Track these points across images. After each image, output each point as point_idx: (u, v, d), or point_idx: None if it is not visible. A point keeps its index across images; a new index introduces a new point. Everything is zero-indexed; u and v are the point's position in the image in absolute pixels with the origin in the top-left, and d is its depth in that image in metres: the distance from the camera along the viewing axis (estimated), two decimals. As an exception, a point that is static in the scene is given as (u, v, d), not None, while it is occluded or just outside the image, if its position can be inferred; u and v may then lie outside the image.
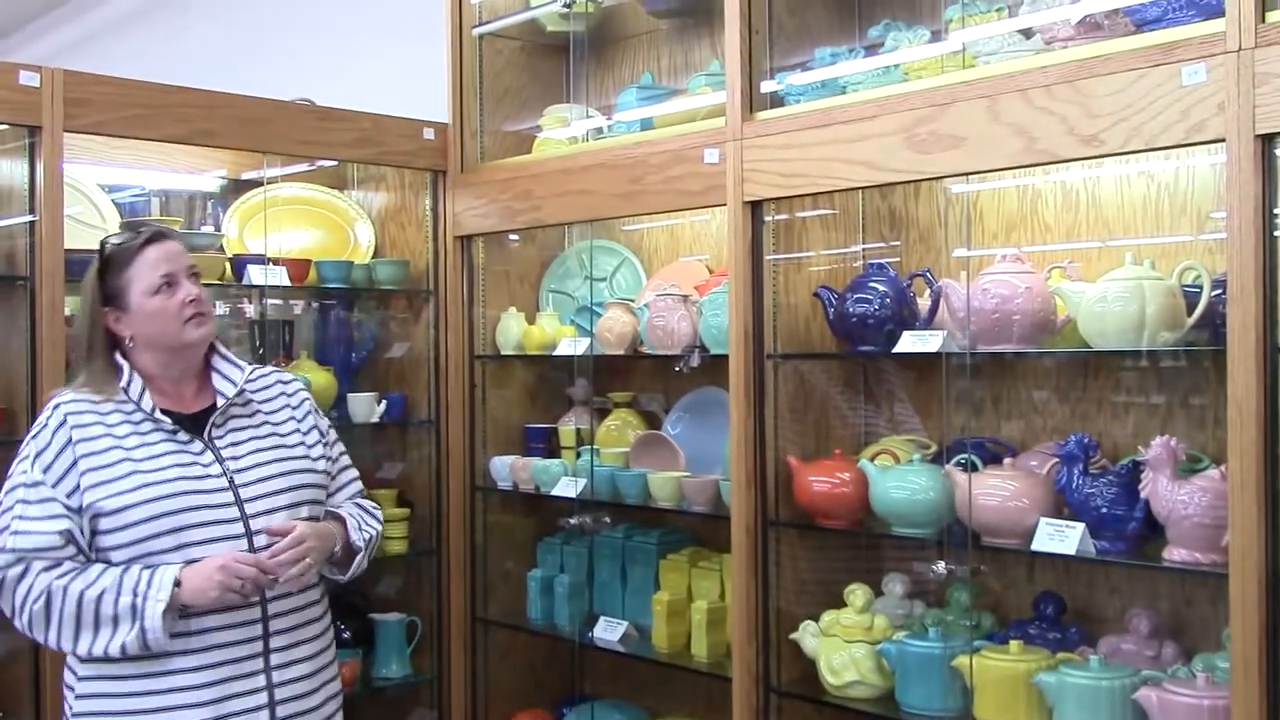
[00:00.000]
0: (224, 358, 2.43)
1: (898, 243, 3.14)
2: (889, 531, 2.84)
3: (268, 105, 3.44)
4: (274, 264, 3.52)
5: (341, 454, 2.57)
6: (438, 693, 3.78)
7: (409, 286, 3.86)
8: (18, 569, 2.19)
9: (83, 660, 2.25)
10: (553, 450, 3.72)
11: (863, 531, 2.96)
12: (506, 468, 3.68)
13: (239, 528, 2.27)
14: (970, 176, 2.70)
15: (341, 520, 2.45)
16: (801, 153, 2.82)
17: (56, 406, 2.28)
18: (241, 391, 2.40)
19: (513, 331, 3.70)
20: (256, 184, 3.76)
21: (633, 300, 3.53)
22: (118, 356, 2.32)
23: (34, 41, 7.10)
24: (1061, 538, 2.48)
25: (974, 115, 2.53)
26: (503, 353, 3.75)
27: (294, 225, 3.83)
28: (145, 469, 2.24)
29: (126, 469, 2.23)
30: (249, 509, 2.30)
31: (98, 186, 3.61)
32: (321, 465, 2.46)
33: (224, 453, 2.33)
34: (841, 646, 2.83)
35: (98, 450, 2.24)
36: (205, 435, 2.33)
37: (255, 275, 3.48)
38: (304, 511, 2.37)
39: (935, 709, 2.69)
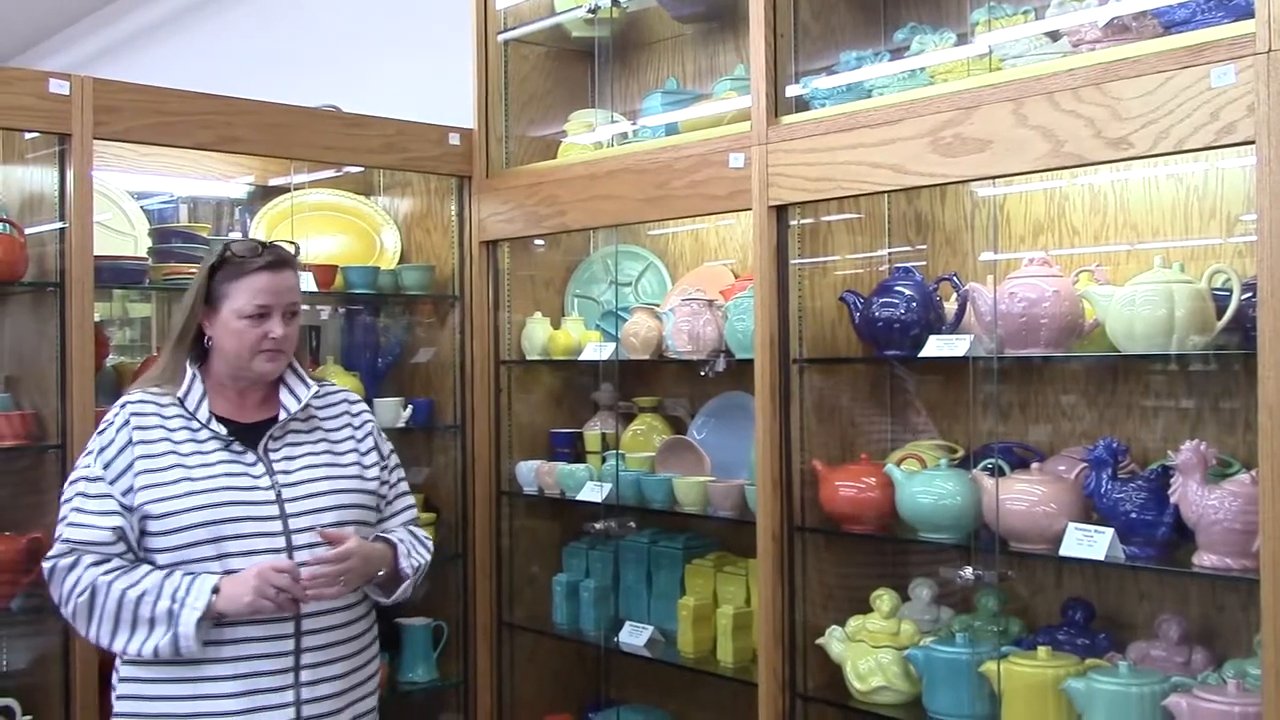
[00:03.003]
0: (295, 373, 2.46)
1: (924, 246, 3.13)
2: (916, 537, 2.83)
3: (294, 112, 3.46)
4: (301, 269, 3.53)
5: (400, 480, 2.59)
6: (464, 697, 3.79)
7: (435, 292, 3.87)
8: (69, 559, 2.25)
9: (124, 661, 2.30)
10: (578, 455, 3.72)
11: (889, 536, 2.95)
12: (532, 472, 3.68)
13: (280, 541, 2.30)
14: (997, 180, 2.69)
15: (392, 545, 2.45)
16: (827, 156, 2.82)
17: (124, 405, 2.34)
18: (306, 408, 2.43)
19: (538, 336, 3.71)
20: (283, 190, 3.78)
21: (658, 305, 3.53)
22: (188, 363, 2.38)
23: (63, 50, 7.17)
24: (1090, 543, 2.47)
25: (1000, 118, 2.52)
26: (528, 358, 3.76)
27: (320, 231, 3.85)
28: (195, 476, 2.28)
29: (177, 475, 2.28)
30: (293, 524, 2.32)
31: (127, 193, 3.64)
32: (374, 487, 2.47)
33: (276, 466, 2.36)
34: (868, 652, 2.82)
35: (154, 454, 2.29)
36: (260, 447, 2.36)
37: (282, 281, 3.49)
38: (349, 531, 2.37)
39: (963, 715, 2.68)
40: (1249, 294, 2.33)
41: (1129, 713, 2.40)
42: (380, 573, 2.41)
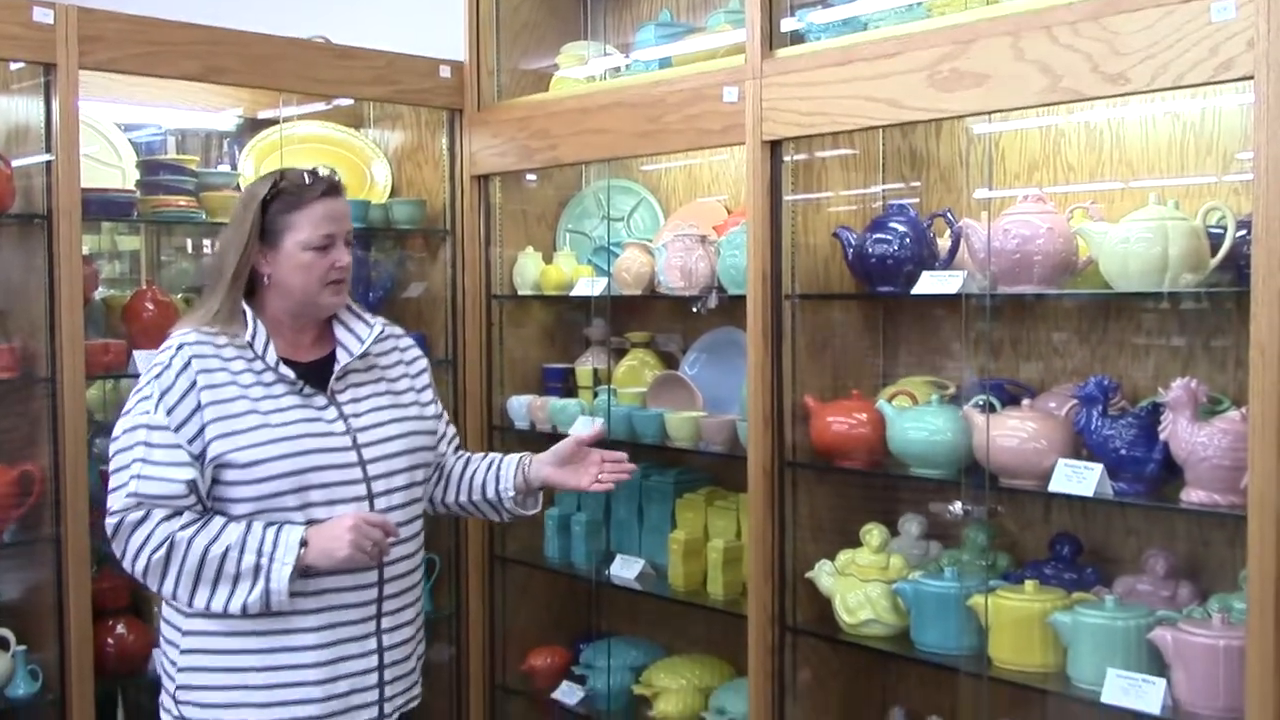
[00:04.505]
0: (352, 311, 2.38)
1: (918, 183, 3.11)
2: (906, 472, 2.84)
3: (283, 43, 3.41)
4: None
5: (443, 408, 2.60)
6: (456, 629, 3.82)
7: (426, 226, 3.85)
8: (137, 514, 2.13)
9: (188, 615, 2.21)
10: (570, 390, 3.73)
11: (880, 472, 2.96)
12: (524, 407, 3.69)
13: (361, 489, 2.24)
14: (993, 116, 2.67)
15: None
16: (822, 91, 2.79)
17: (180, 347, 2.19)
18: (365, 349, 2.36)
19: (530, 271, 3.69)
20: (272, 122, 3.75)
21: (650, 240, 3.51)
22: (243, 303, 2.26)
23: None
24: (1079, 479, 2.48)
25: (998, 53, 2.50)
26: (520, 293, 3.75)
27: (310, 164, 3.80)
28: (273, 422, 2.19)
29: (254, 421, 2.17)
30: (370, 470, 2.26)
31: (114, 125, 3.60)
32: (432, 426, 2.45)
33: (345, 409, 2.28)
34: (857, 585, 2.85)
35: (224, 399, 2.17)
36: (328, 390, 2.28)
37: (272, 214, 3.46)
38: (419, 474, 2.37)
39: (950, 648, 2.71)
40: (1243, 231, 2.33)
41: (1114, 646, 2.43)
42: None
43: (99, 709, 3.07)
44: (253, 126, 3.91)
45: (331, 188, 2.30)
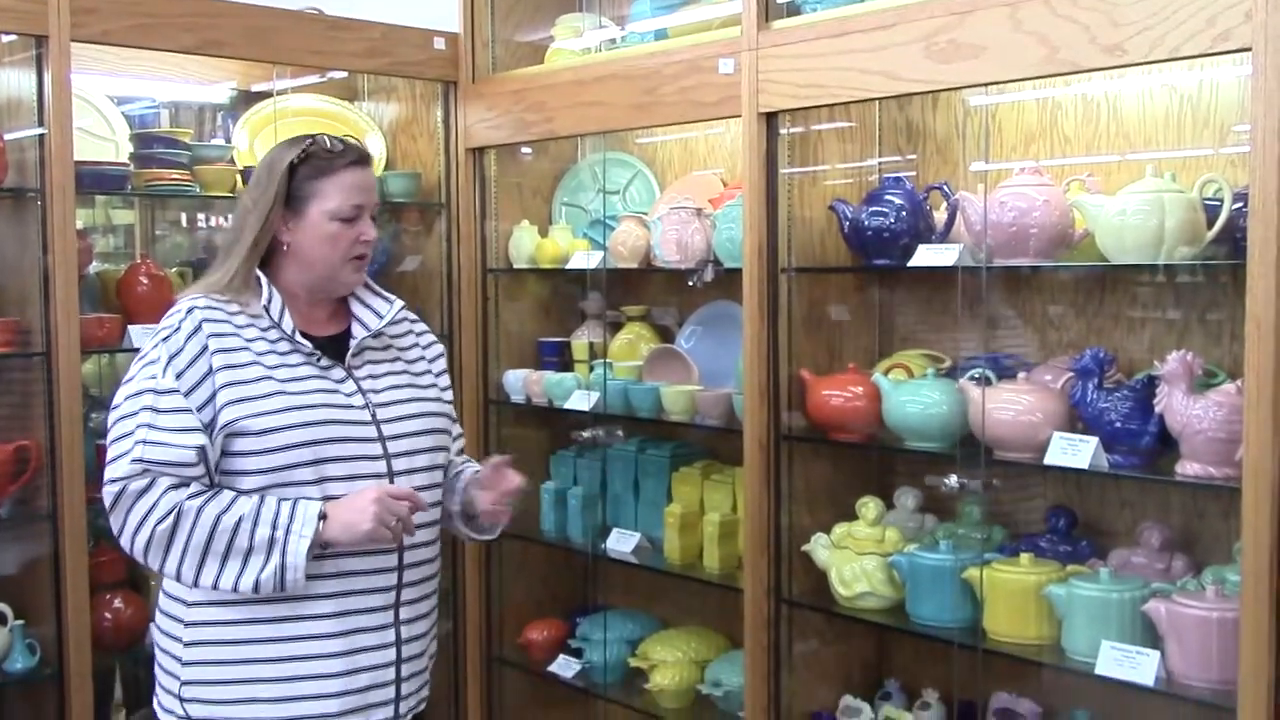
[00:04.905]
0: (370, 289, 2.26)
1: (914, 156, 3.10)
2: (902, 445, 2.84)
3: (277, 15, 3.39)
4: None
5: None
6: (453, 604, 3.83)
7: (421, 199, 3.84)
8: (142, 482, 1.98)
9: (190, 604, 2.07)
10: (566, 364, 3.73)
11: (875, 445, 2.97)
12: (520, 381, 3.69)
13: (381, 465, 2.11)
14: (989, 87, 2.66)
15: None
16: (818, 63, 2.78)
17: (191, 310, 2.06)
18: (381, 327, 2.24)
19: (525, 245, 3.68)
20: (266, 95, 3.72)
21: (646, 214, 3.50)
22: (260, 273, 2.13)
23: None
24: (1075, 452, 2.49)
25: (995, 23, 2.49)
26: (515, 266, 3.74)
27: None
28: (290, 390, 2.05)
29: (270, 388, 2.04)
30: (391, 447, 2.13)
31: (107, 99, 3.58)
32: (449, 410, 2.33)
33: (363, 384, 2.15)
34: (853, 558, 2.85)
35: (237, 364, 2.04)
36: (345, 363, 2.16)
37: (266, 188, 3.45)
38: (440, 458, 2.25)
39: (945, 620, 2.72)
40: (1240, 204, 2.32)
41: (1108, 618, 2.44)
42: None
43: (96, 682, 3.08)
44: (247, 99, 3.88)
45: (362, 157, 2.19)
